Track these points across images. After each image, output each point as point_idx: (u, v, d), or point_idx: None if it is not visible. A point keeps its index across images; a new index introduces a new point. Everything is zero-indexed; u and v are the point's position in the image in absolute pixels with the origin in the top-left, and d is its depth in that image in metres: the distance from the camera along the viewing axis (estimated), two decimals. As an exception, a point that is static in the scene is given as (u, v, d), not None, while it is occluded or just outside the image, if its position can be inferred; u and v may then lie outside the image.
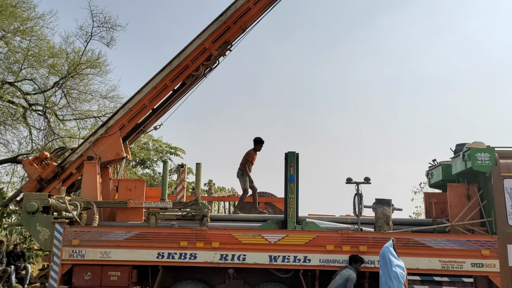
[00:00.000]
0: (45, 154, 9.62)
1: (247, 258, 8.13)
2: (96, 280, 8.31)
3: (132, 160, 21.98)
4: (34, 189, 9.30)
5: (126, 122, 9.70)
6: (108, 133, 9.60)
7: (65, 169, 9.46)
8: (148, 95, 9.64)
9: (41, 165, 9.40)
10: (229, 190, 22.60)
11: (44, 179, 9.35)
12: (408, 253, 7.95)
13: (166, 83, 9.69)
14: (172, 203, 8.82)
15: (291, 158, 8.75)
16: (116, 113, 9.74)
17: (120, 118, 9.62)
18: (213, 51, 9.71)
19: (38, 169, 9.34)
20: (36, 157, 9.51)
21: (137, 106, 9.64)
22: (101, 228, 8.49)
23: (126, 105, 9.68)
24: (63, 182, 9.45)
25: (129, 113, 9.64)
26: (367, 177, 8.51)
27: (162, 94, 9.81)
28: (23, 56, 15.13)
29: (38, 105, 16.19)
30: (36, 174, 9.32)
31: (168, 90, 9.85)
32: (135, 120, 9.85)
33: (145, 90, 9.65)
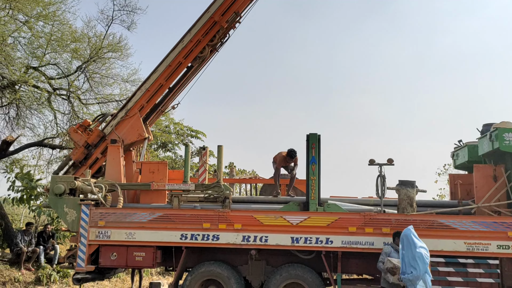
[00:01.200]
0: (88, 121, 9.92)
1: (269, 239, 8.18)
2: (122, 260, 8.50)
3: (153, 143, 22.23)
4: (82, 155, 9.60)
5: (144, 103, 9.80)
6: (128, 115, 9.74)
7: (91, 155, 9.66)
8: (163, 74, 9.70)
9: (86, 132, 9.68)
10: (250, 173, 22.69)
11: (91, 144, 9.63)
12: (432, 235, 7.87)
13: (180, 60, 9.74)
14: (195, 185, 8.91)
15: (313, 140, 8.70)
16: (134, 95, 9.87)
17: (138, 99, 9.74)
18: (223, 23, 9.71)
19: (83, 136, 9.62)
20: (80, 124, 9.82)
21: (154, 85, 9.72)
22: (125, 209, 8.65)
23: (143, 85, 9.79)
24: (90, 167, 9.65)
25: (146, 94, 9.74)
26: (390, 159, 8.41)
27: (177, 71, 9.87)
28: (46, 41, 15.28)
29: (62, 89, 16.41)
30: (83, 140, 9.61)
31: (182, 67, 9.91)
32: (153, 100, 9.94)
33: (160, 69, 9.72)
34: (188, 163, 9.63)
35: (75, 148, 9.78)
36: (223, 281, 8.39)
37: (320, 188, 8.62)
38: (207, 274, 8.46)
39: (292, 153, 9.48)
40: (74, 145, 9.88)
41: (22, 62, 15.10)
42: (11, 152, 14.27)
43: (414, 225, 7.91)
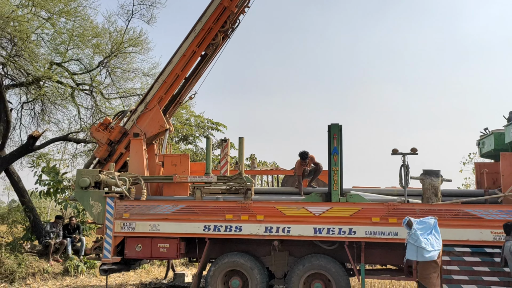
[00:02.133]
0: (108, 119, 10.09)
1: (291, 230, 8.18)
2: (146, 252, 8.64)
3: (175, 136, 22.42)
4: (106, 152, 9.81)
5: (163, 95, 9.92)
6: (148, 108, 9.88)
7: (115, 151, 9.82)
8: (178, 64, 9.81)
9: (107, 130, 9.87)
10: (271, 164, 22.69)
11: (114, 141, 9.82)
12: (458, 225, 7.75)
13: (193, 49, 9.83)
14: (217, 177, 8.96)
15: (334, 130, 8.63)
16: (151, 87, 10.01)
17: (156, 92, 9.86)
18: (232, 8, 9.76)
19: (105, 134, 9.82)
20: (101, 123, 10.00)
21: (170, 77, 9.84)
22: (149, 202, 8.77)
23: (160, 77, 9.91)
24: (116, 163, 9.81)
25: (164, 85, 9.85)
26: (414, 148, 8.27)
27: (192, 61, 9.98)
28: (69, 37, 15.50)
29: (85, 84, 16.67)
30: (105, 138, 9.81)
31: (196, 56, 10.01)
32: (170, 91, 10.06)
33: (175, 59, 9.83)
34: (209, 155, 9.70)
35: (98, 147, 9.97)
36: (246, 271, 8.44)
37: (343, 179, 8.56)
38: (230, 265, 8.53)
39: (303, 154, 9.36)
40: (97, 143, 10.06)
41: (46, 58, 15.37)
42: (37, 147, 14.61)
43: (439, 215, 7.82)
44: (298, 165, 9.47)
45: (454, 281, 7.66)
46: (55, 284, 11.22)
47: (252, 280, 8.39)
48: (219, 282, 8.50)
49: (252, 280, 8.38)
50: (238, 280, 8.52)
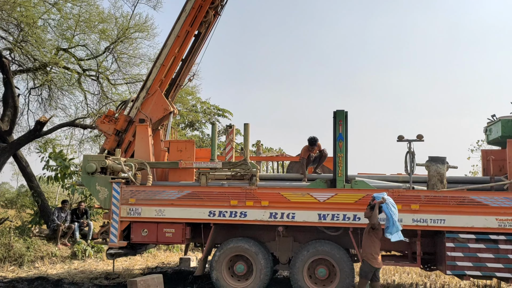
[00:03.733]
0: (112, 111, 10.16)
1: (296, 216, 8.21)
2: (152, 236, 8.72)
3: (181, 122, 22.46)
4: (115, 142, 9.88)
5: (162, 78, 9.98)
6: (150, 93, 9.93)
7: (123, 140, 9.86)
8: (174, 46, 9.85)
9: (113, 121, 9.93)
10: (277, 151, 22.70)
11: (121, 130, 9.90)
12: (463, 212, 7.74)
13: (186, 29, 9.86)
14: (222, 163, 8.99)
15: (340, 116, 8.59)
16: (150, 72, 10.06)
17: (156, 76, 9.91)
18: None
19: (111, 125, 9.89)
20: (105, 115, 10.06)
21: (167, 59, 9.88)
22: (155, 187, 8.82)
23: (157, 61, 9.95)
24: (125, 152, 9.87)
25: (162, 69, 9.89)
26: (420, 135, 8.23)
27: (187, 41, 10.01)
28: (75, 23, 15.48)
29: (91, 70, 16.67)
30: (111, 128, 9.89)
31: (190, 35, 10.03)
32: (170, 74, 10.11)
33: (170, 42, 9.87)
34: (215, 141, 9.72)
35: (106, 138, 10.02)
36: (251, 256, 8.51)
37: (348, 165, 8.55)
38: (235, 250, 8.60)
39: (312, 140, 9.36)
40: (104, 135, 10.12)
41: (53, 44, 15.39)
42: (44, 133, 14.70)
43: (444, 201, 7.82)
44: (304, 150, 9.47)
45: (458, 268, 7.69)
46: (63, 267, 11.40)
47: (256, 265, 8.46)
48: (224, 266, 8.59)
49: (257, 265, 8.46)
50: (243, 265, 8.60)
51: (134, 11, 16.67)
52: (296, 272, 8.29)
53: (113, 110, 10.41)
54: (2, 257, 11.15)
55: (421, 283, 9.83)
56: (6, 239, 11.46)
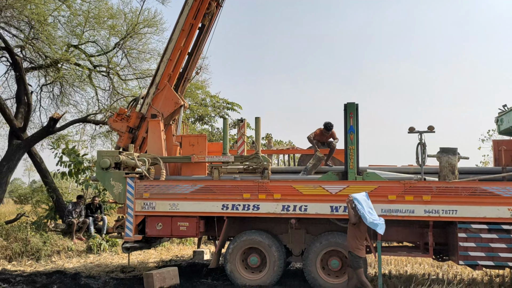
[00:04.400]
0: (123, 109, 10.27)
1: (308, 208, 8.30)
2: (167, 230, 8.86)
3: (191, 116, 22.56)
4: (129, 139, 10.02)
5: (170, 72, 10.12)
6: (159, 89, 10.08)
7: (136, 137, 9.99)
8: (179, 40, 9.98)
9: (125, 119, 10.08)
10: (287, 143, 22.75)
11: (134, 127, 10.05)
12: (475, 202, 7.76)
13: (190, 22, 9.98)
14: (234, 157, 9.08)
15: (351, 109, 8.63)
16: (158, 68, 10.19)
17: (164, 71, 10.05)
18: None
19: (123, 123, 10.04)
20: (117, 114, 10.18)
21: (174, 54, 10.02)
22: (168, 182, 8.95)
23: (164, 56, 10.08)
24: (140, 148, 9.99)
25: (170, 63, 10.03)
26: (431, 126, 8.25)
27: (191, 34, 10.15)
28: (85, 19, 15.61)
29: (102, 66, 16.82)
30: (124, 126, 10.03)
31: (194, 28, 10.16)
32: (177, 68, 10.24)
33: (175, 36, 10.00)
34: (226, 135, 9.81)
35: (120, 137, 10.15)
36: (265, 249, 8.62)
37: (359, 157, 8.60)
38: (248, 242, 8.71)
39: (328, 125, 9.49)
40: (118, 134, 10.24)
41: (63, 40, 15.54)
42: (58, 129, 14.90)
43: (456, 192, 7.84)
44: (318, 132, 9.60)
45: (471, 258, 7.73)
46: (79, 261, 11.62)
47: (270, 257, 8.57)
48: (237, 259, 8.71)
49: (270, 257, 8.57)
50: (256, 257, 8.71)
51: (143, 6, 16.73)
52: (309, 264, 8.39)
53: (124, 107, 10.53)
54: (20, 252, 11.39)
55: (433, 273, 9.88)
56: (23, 234, 11.69)
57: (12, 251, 11.34)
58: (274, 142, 20.35)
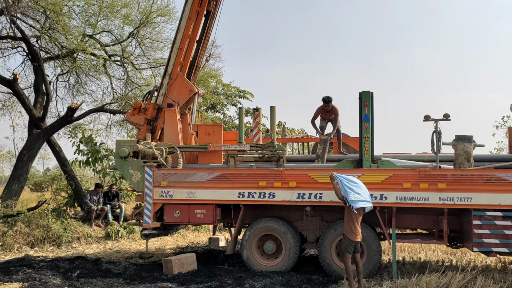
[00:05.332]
0: (139, 102, 10.42)
1: (323, 196, 8.41)
2: (184, 217, 9.06)
3: (203, 104, 22.71)
4: (148, 131, 10.14)
5: (182, 61, 10.27)
6: (172, 78, 10.23)
7: (155, 128, 10.14)
8: (187, 29, 10.11)
9: (142, 112, 10.22)
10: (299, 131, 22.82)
11: (151, 119, 10.22)
12: (490, 190, 7.81)
13: (196, 9, 10.11)
14: (249, 145, 9.20)
15: (366, 97, 8.66)
16: (169, 58, 10.33)
17: (175, 61, 10.19)
18: None
19: (141, 116, 10.20)
20: (134, 107, 10.33)
21: (183, 42, 10.15)
22: (185, 170, 9.12)
23: (174, 46, 10.23)
24: (159, 139, 10.16)
25: (180, 53, 10.17)
26: (446, 114, 8.26)
27: (198, 21, 10.28)
28: (99, 8, 15.79)
29: (116, 55, 17.03)
30: (142, 119, 10.20)
31: (201, 15, 10.27)
32: (188, 56, 10.39)
33: (182, 25, 10.14)
34: (242, 124, 9.93)
35: (139, 130, 10.29)
36: (280, 236, 8.78)
37: (374, 145, 8.66)
38: (264, 229, 8.87)
39: (327, 98, 9.69)
40: (136, 127, 10.38)
41: (78, 30, 15.71)
42: (75, 118, 15.16)
43: (471, 180, 7.89)
44: (318, 109, 9.83)
45: (485, 245, 7.80)
46: (99, 247, 11.93)
47: (285, 244, 8.73)
48: (254, 245, 8.89)
49: (286, 244, 8.73)
50: (272, 244, 8.88)
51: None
52: (324, 251, 8.53)
53: (139, 100, 10.66)
54: (42, 238, 11.73)
55: (447, 260, 9.97)
56: (44, 221, 12.02)
57: (34, 237, 11.69)
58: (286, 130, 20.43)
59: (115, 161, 9.54)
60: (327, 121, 9.92)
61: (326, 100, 9.73)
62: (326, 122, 9.85)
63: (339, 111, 9.95)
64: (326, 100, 9.73)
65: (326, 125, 9.85)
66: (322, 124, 9.81)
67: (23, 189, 14.63)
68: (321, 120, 9.84)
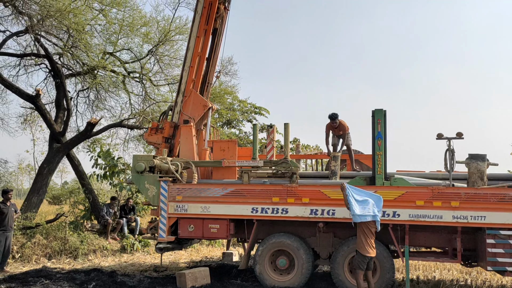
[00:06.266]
0: (155, 123, 10.72)
1: (336, 213, 8.46)
2: (198, 232, 9.20)
3: (219, 120, 22.99)
4: (167, 148, 10.37)
5: (194, 78, 10.62)
6: (186, 96, 10.55)
7: (173, 145, 10.38)
8: (196, 47, 10.50)
9: (159, 131, 10.51)
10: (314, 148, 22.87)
11: (169, 137, 10.49)
12: (504, 208, 7.78)
13: (204, 28, 10.51)
14: (263, 161, 9.34)
15: (378, 115, 8.76)
16: (181, 77, 10.69)
17: (187, 79, 10.54)
18: None
19: (158, 135, 10.48)
20: (151, 128, 10.62)
21: (194, 60, 10.54)
22: (200, 185, 9.29)
23: (185, 65, 10.61)
24: (178, 155, 10.38)
25: (191, 71, 10.53)
26: (460, 132, 8.30)
27: (206, 39, 10.67)
28: (119, 27, 16.26)
29: (135, 72, 17.46)
30: (160, 138, 10.46)
31: (208, 33, 10.65)
32: (199, 73, 10.76)
33: (191, 44, 10.53)
34: (256, 140, 10.10)
35: (157, 149, 10.55)
36: (293, 251, 8.83)
37: (387, 163, 8.72)
38: (277, 245, 8.94)
39: (332, 115, 9.84)
40: (155, 147, 10.64)
41: (99, 48, 16.18)
42: (95, 133, 15.54)
43: (485, 199, 7.87)
44: (327, 129, 9.99)
45: (499, 264, 7.74)
46: (114, 260, 12.11)
47: (298, 260, 8.77)
48: (266, 261, 8.95)
49: (298, 259, 8.77)
50: (285, 259, 8.93)
51: (175, 14, 17.30)
52: (337, 267, 8.54)
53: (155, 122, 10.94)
54: (59, 250, 11.97)
55: (461, 279, 9.86)
56: (62, 234, 12.28)
57: (51, 249, 11.93)
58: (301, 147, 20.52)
59: (131, 176, 9.77)
60: (339, 137, 10.01)
61: (332, 117, 9.88)
62: (338, 139, 9.95)
63: (347, 126, 10.05)
64: (332, 117, 9.89)
65: (338, 141, 9.94)
66: (334, 141, 9.91)
67: (42, 202, 14.96)
68: (333, 137, 9.95)
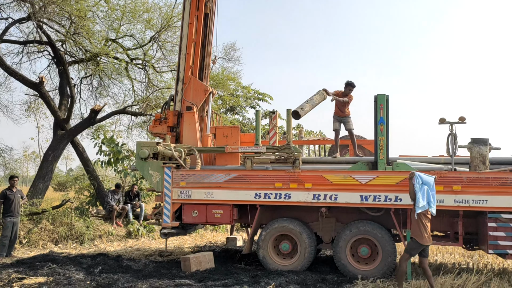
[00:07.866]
0: (158, 114, 10.73)
1: (338, 198, 8.53)
2: (202, 217, 9.30)
3: (222, 107, 22.99)
4: (173, 138, 10.40)
5: (191, 66, 10.60)
6: (186, 83, 10.53)
7: (179, 133, 10.41)
8: (190, 34, 10.50)
9: (163, 122, 10.51)
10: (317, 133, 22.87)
11: (173, 126, 10.50)
12: (506, 192, 7.82)
13: (195, 13, 10.51)
14: (266, 147, 9.39)
15: (381, 100, 8.75)
16: (179, 66, 10.68)
17: (185, 66, 10.54)
18: None
19: (163, 125, 10.48)
20: (154, 120, 10.65)
21: (189, 47, 10.53)
22: (203, 171, 9.36)
23: (181, 53, 10.62)
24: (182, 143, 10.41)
25: (188, 58, 10.52)
26: (462, 117, 8.30)
27: (199, 24, 10.62)
28: (122, 13, 16.21)
29: (138, 59, 17.45)
30: (165, 128, 10.46)
31: (200, 18, 10.61)
32: (196, 59, 10.72)
33: (185, 31, 10.55)
34: (259, 127, 10.12)
35: (163, 140, 10.58)
36: (296, 236, 8.93)
37: (389, 148, 8.74)
38: (280, 229, 9.04)
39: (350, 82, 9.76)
40: (160, 137, 10.66)
41: (102, 35, 16.17)
42: (98, 120, 15.62)
43: (487, 183, 7.91)
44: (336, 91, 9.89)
45: (500, 247, 7.80)
46: (120, 245, 12.28)
47: (301, 244, 8.88)
48: (270, 245, 9.05)
49: (301, 244, 8.87)
50: (287, 244, 9.04)
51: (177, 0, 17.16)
52: (339, 251, 8.64)
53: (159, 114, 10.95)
54: (65, 235, 12.15)
55: (463, 263, 9.96)
56: (68, 219, 12.44)
57: (58, 234, 12.10)
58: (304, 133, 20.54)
59: (135, 162, 9.85)
60: (340, 122, 9.98)
61: (353, 85, 9.80)
62: (340, 123, 9.94)
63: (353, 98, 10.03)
64: (353, 84, 9.80)
65: (340, 126, 9.95)
66: (336, 127, 9.90)
67: (47, 188, 15.12)
68: (335, 121, 9.91)
